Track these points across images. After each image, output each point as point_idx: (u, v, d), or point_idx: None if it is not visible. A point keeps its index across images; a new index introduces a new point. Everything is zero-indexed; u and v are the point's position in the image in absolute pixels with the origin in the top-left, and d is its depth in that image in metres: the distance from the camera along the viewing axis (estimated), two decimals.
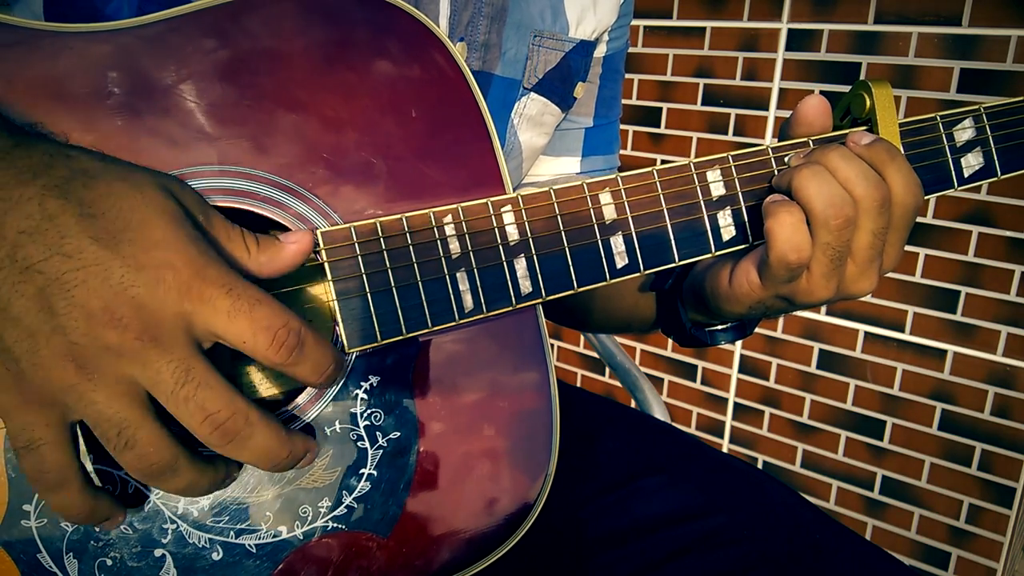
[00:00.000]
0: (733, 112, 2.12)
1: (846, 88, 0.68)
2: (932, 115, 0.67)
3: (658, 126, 2.25)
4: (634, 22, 1.00)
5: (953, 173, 0.68)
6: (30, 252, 0.42)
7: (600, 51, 0.94)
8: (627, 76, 1.07)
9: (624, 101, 1.11)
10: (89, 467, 0.48)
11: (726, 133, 2.14)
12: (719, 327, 0.77)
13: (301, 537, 0.57)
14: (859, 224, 0.60)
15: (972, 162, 0.68)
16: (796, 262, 0.60)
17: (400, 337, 0.57)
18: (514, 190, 0.60)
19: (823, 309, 2.07)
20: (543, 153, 0.96)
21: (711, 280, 0.69)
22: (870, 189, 0.59)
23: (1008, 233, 1.79)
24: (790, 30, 1.98)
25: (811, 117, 0.65)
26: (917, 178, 0.61)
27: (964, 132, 0.67)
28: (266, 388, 0.65)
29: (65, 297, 0.42)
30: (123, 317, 0.43)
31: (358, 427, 0.58)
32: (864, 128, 0.66)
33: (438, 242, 0.57)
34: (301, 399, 0.57)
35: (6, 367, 0.43)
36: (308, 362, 0.48)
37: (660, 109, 2.24)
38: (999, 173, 0.68)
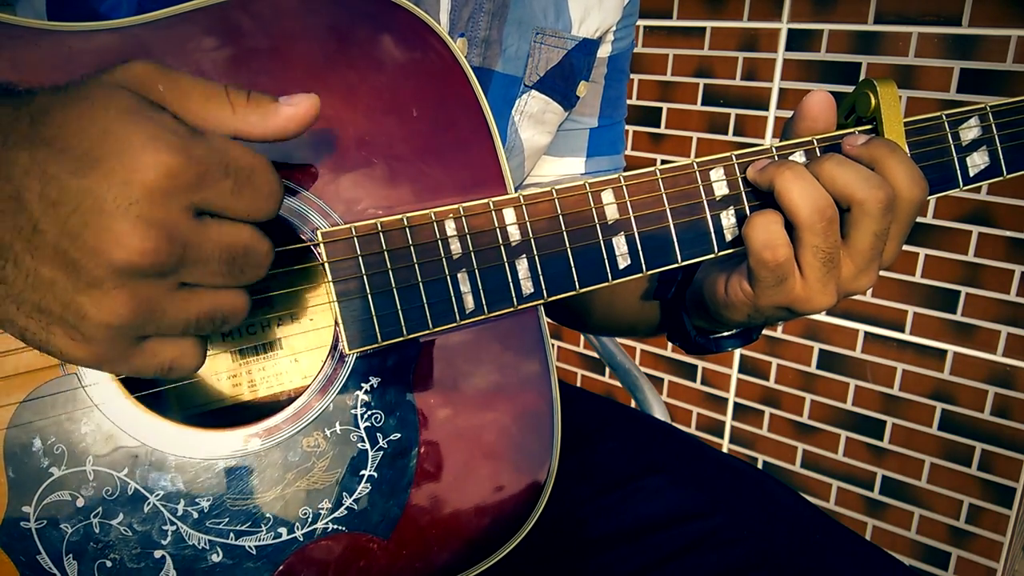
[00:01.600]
0: (733, 112, 2.11)
1: (846, 88, 0.68)
2: (938, 114, 0.66)
3: (658, 126, 2.25)
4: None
5: (959, 172, 0.67)
6: (28, 213, 0.40)
7: (605, 51, 0.94)
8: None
9: None
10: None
11: (726, 133, 2.14)
12: (724, 334, 0.76)
13: (301, 539, 0.57)
14: (861, 226, 0.60)
15: (978, 161, 0.68)
16: (772, 259, 0.60)
17: (401, 338, 0.57)
18: (516, 189, 0.60)
19: None
20: (547, 153, 0.96)
21: (709, 289, 0.69)
22: (873, 191, 0.58)
23: (1008, 233, 1.79)
24: (790, 30, 1.98)
25: (815, 112, 0.65)
26: (920, 171, 0.61)
27: (970, 131, 0.67)
28: (266, 388, 0.65)
29: (78, 246, 0.40)
30: (141, 241, 0.40)
31: (359, 428, 0.57)
32: (869, 127, 0.66)
33: (439, 242, 0.57)
34: (302, 399, 0.57)
35: (72, 339, 0.42)
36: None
37: (660, 109, 2.24)
38: (1005, 172, 0.68)
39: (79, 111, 0.41)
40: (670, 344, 2.37)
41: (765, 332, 2.16)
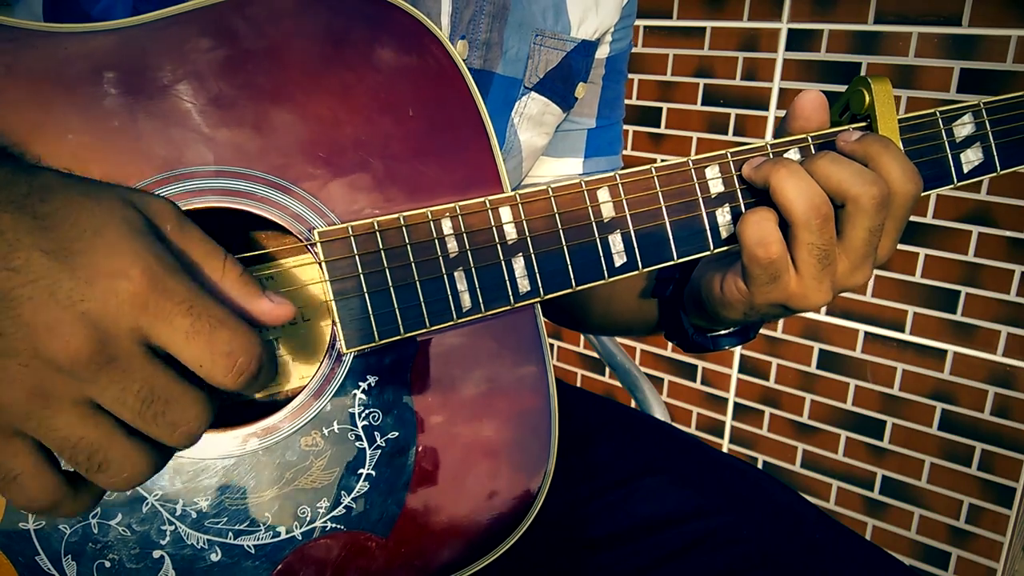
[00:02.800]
0: (733, 112, 2.11)
1: (846, 88, 0.68)
2: (931, 111, 0.67)
3: (658, 126, 2.25)
4: (634, 22, 1.00)
5: (952, 169, 0.68)
6: None
7: (603, 52, 0.94)
8: (627, 76, 1.07)
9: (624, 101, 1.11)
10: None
11: (726, 133, 2.14)
12: (722, 332, 0.76)
13: (300, 537, 0.57)
14: (856, 222, 0.60)
15: (971, 157, 0.68)
16: (764, 256, 0.60)
17: (398, 337, 0.57)
18: (514, 190, 0.60)
19: (823, 309, 2.07)
20: (545, 154, 0.96)
21: (706, 287, 0.70)
22: (867, 187, 0.59)
23: (1008, 233, 1.79)
24: (790, 30, 1.98)
25: (808, 112, 0.65)
26: (913, 166, 0.61)
27: (963, 128, 0.67)
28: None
29: (11, 316, 0.39)
30: (73, 336, 0.39)
31: (356, 427, 0.57)
32: (863, 124, 0.66)
33: (436, 241, 0.57)
34: (300, 399, 0.57)
35: None
36: (258, 385, 0.45)
37: (660, 109, 2.24)
38: (999, 168, 0.68)
39: (82, 206, 0.41)
40: (670, 344, 2.37)
41: (765, 332, 2.15)
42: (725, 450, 2.31)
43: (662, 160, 0.63)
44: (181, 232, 0.44)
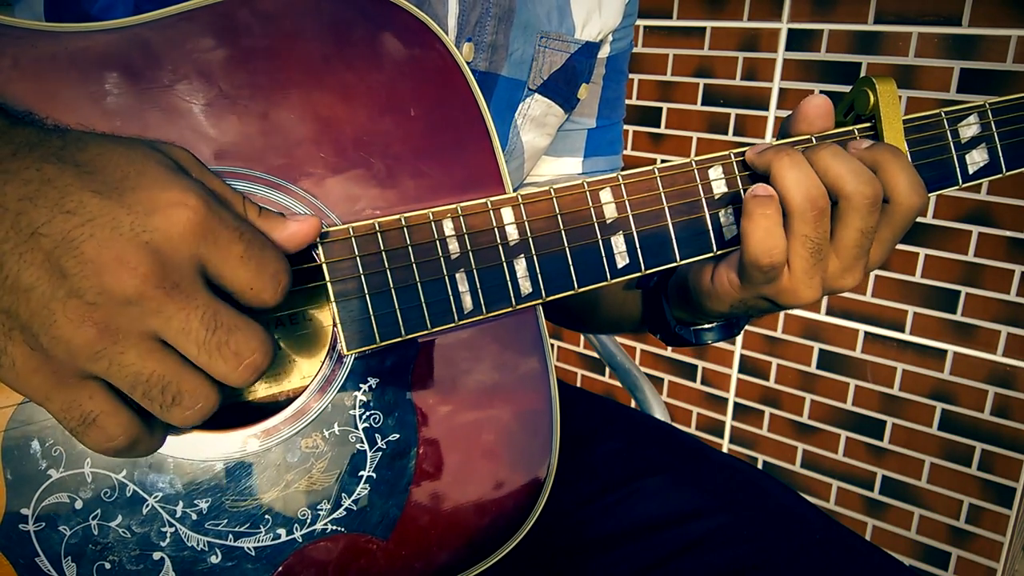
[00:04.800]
0: (733, 112, 2.11)
1: (846, 88, 0.68)
2: (937, 111, 0.66)
3: (658, 126, 2.25)
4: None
5: (958, 170, 0.67)
6: (32, 217, 0.40)
7: (604, 52, 0.94)
8: (628, 76, 1.07)
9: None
10: None
11: (726, 133, 2.14)
12: (705, 326, 0.76)
13: (300, 540, 0.57)
14: (848, 221, 0.60)
15: (977, 159, 0.68)
16: (768, 265, 0.60)
17: (399, 339, 0.57)
18: (515, 190, 0.60)
19: (823, 309, 2.07)
20: (545, 153, 0.96)
21: (694, 278, 0.69)
22: (861, 186, 0.59)
23: (1008, 233, 1.79)
24: (790, 30, 1.98)
25: (812, 116, 0.65)
26: (920, 179, 0.61)
27: (969, 128, 0.67)
28: (265, 389, 0.65)
29: (74, 255, 0.40)
30: (138, 265, 0.41)
31: (357, 429, 0.57)
32: (867, 125, 0.66)
33: (437, 242, 0.57)
34: (301, 400, 0.57)
35: (29, 346, 0.42)
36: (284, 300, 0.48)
37: (660, 109, 2.24)
38: (1004, 170, 0.68)
39: (119, 150, 0.43)
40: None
41: (765, 332, 2.16)
42: (725, 450, 2.31)
43: (662, 160, 0.62)
44: (204, 175, 0.47)
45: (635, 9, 0.96)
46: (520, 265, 0.59)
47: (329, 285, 0.55)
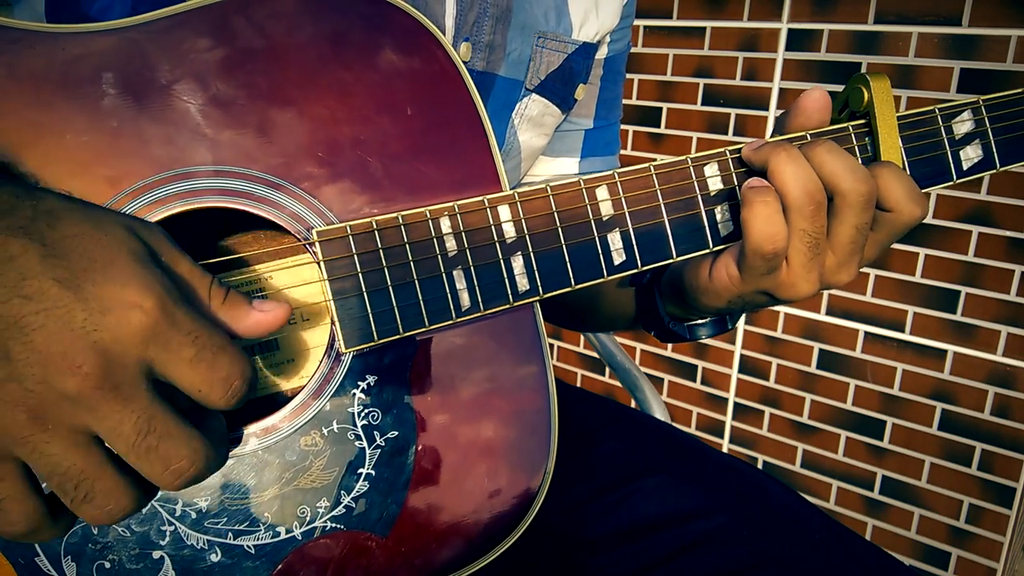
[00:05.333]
0: (733, 112, 2.11)
1: (845, 86, 0.68)
2: (931, 108, 0.67)
3: (658, 126, 2.25)
4: (634, 22, 1.00)
5: (952, 166, 0.67)
6: None
7: (601, 53, 0.94)
8: (627, 76, 1.07)
9: (624, 101, 1.11)
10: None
11: (726, 133, 2.14)
12: (698, 321, 0.77)
13: (300, 537, 0.57)
14: (843, 218, 0.60)
15: (971, 154, 0.68)
16: (771, 251, 0.60)
17: (397, 336, 0.57)
18: (512, 190, 0.60)
19: (823, 309, 2.07)
20: (543, 154, 0.96)
21: (690, 274, 0.69)
22: (857, 184, 0.59)
23: (1008, 233, 1.79)
24: (790, 30, 1.98)
25: (810, 110, 0.65)
26: (919, 190, 0.62)
27: (963, 124, 0.67)
28: (263, 387, 0.65)
29: (23, 342, 0.40)
30: (83, 364, 0.40)
31: (356, 427, 0.57)
32: (862, 121, 0.66)
33: (434, 240, 0.57)
34: (299, 398, 0.57)
35: None
36: (240, 402, 0.46)
37: (660, 109, 2.24)
38: (998, 165, 0.68)
39: (90, 234, 0.42)
40: (670, 344, 2.37)
41: (765, 332, 2.16)
42: (725, 450, 2.31)
43: (661, 160, 0.62)
44: (173, 259, 0.46)
45: (633, 10, 0.96)
46: (517, 262, 0.59)
47: (327, 283, 0.55)
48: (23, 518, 0.43)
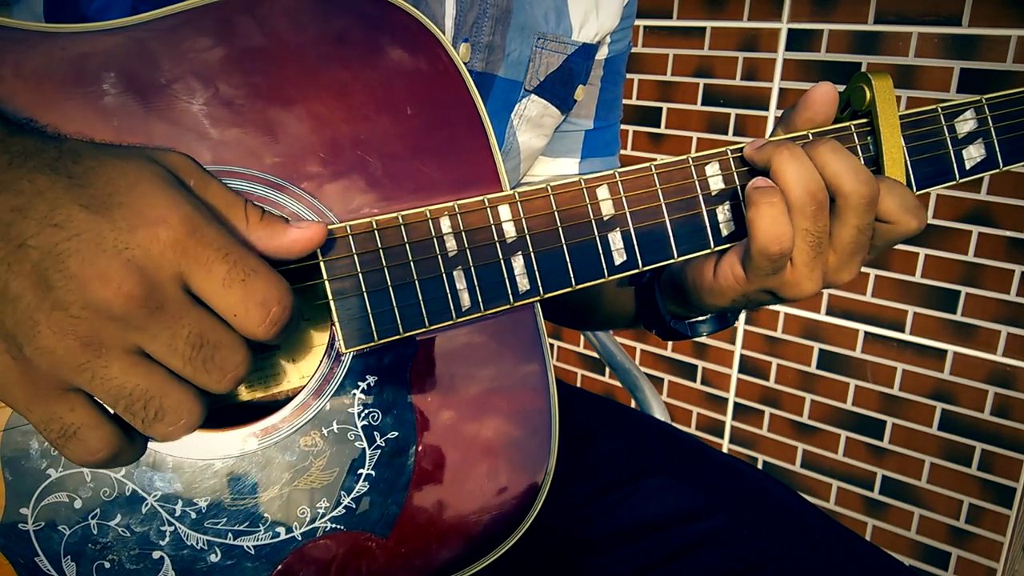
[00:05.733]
0: (733, 112, 2.11)
1: (847, 85, 0.68)
2: (933, 107, 0.66)
3: (658, 126, 2.25)
4: (634, 22, 1.00)
5: (955, 165, 0.67)
6: (22, 228, 0.40)
7: (602, 53, 0.94)
8: (627, 76, 1.07)
9: (624, 101, 1.11)
10: None
11: (726, 133, 2.14)
12: (699, 319, 0.77)
13: (300, 538, 0.57)
14: (845, 219, 0.60)
15: (974, 154, 0.68)
16: (778, 252, 0.60)
17: (397, 336, 0.57)
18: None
19: (823, 309, 2.07)
20: (542, 154, 0.96)
21: (693, 273, 0.69)
22: (859, 185, 0.59)
23: (1008, 233, 1.79)
24: (790, 30, 1.98)
25: (817, 105, 0.65)
26: (918, 202, 0.62)
27: (965, 123, 0.67)
28: (263, 387, 0.65)
29: (60, 269, 0.40)
30: (121, 282, 0.40)
31: (356, 427, 0.57)
32: (864, 120, 0.66)
33: (435, 240, 0.57)
34: (299, 398, 0.57)
35: (11, 356, 0.41)
36: (282, 335, 0.46)
37: (660, 109, 2.24)
38: (1001, 164, 0.68)
39: (113, 163, 0.43)
40: (670, 344, 2.37)
41: (765, 332, 2.16)
42: (725, 450, 2.31)
43: (662, 160, 0.62)
44: (204, 185, 0.46)
45: (633, 11, 0.96)
46: (518, 262, 0.59)
47: (327, 283, 0.55)
48: (103, 444, 0.44)
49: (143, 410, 0.43)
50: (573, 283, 0.61)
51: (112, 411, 0.44)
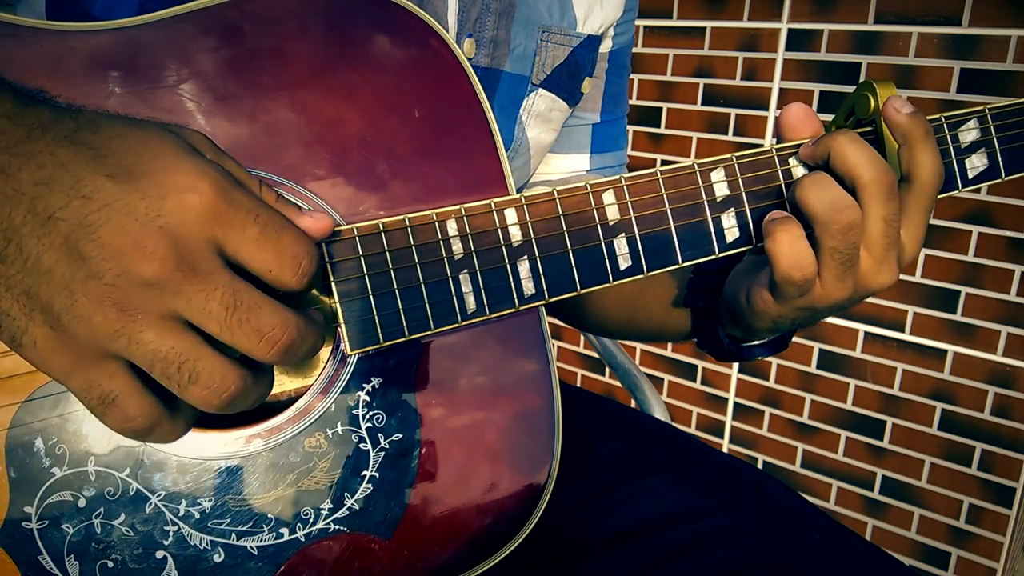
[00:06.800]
0: (733, 112, 2.11)
1: (846, 88, 0.68)
2: (937, 116, 0.66)
3: (658, 126, 2.25)
4: (635, 23, 1.00)
5: (958, 174, 0.67)
6: (49, 202, 0.41)
7: (606, 46, 0.94)
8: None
9: None
10: None
11: (726, 133, 2.14)
12: (755, 343, 0.76)
13: (303, 539, 0.57)
14: (869, 212, 0.59)
15: (976, 163, 0.68)
16: (800, 279, 0.59)
17: (403, 339, 0.57)
18: (524, 187, 0.60)
19: None
20: (552, 151, 0.96)
21: (734, 299, 0.69)
22: (878, 173, 0.58)
23: (1008, 233, 1.79)
24: (790, 30, 1.98)
25: (794, 123, 0.64)
26: (940, 159, 0.61)
27: (968, 133, 0.67)
28: None
29: (92, 239, 0.41)
30: (155, 249, 0.41)
31: (360, 429, 0.57)
32: (868, 129, 0.66)
33: (441, 243, 0.57)
34: (304, 400, 0.57)
35: (50, 327, 0.42)
36: (310, 287, 0.47)
37: (660, 109, 2.24)
38: (1003, 175, 0.68)
39: (133, 133, 0.43)
40: (670, 344, 2.37)
41: None
42: (725, 450, 2.31)
43: (662, 161, 0.62)
44: (219, 157, 0.47)
45: (636, 3, 0.96)
46: (523, 266, 0.59)
47: (333, 285, 0.55)
48: (140, 411, 0.44)
49: (177, 372, 0.43)
50: (578, 287, 0.61)
51: (150, 375, 0.44)
